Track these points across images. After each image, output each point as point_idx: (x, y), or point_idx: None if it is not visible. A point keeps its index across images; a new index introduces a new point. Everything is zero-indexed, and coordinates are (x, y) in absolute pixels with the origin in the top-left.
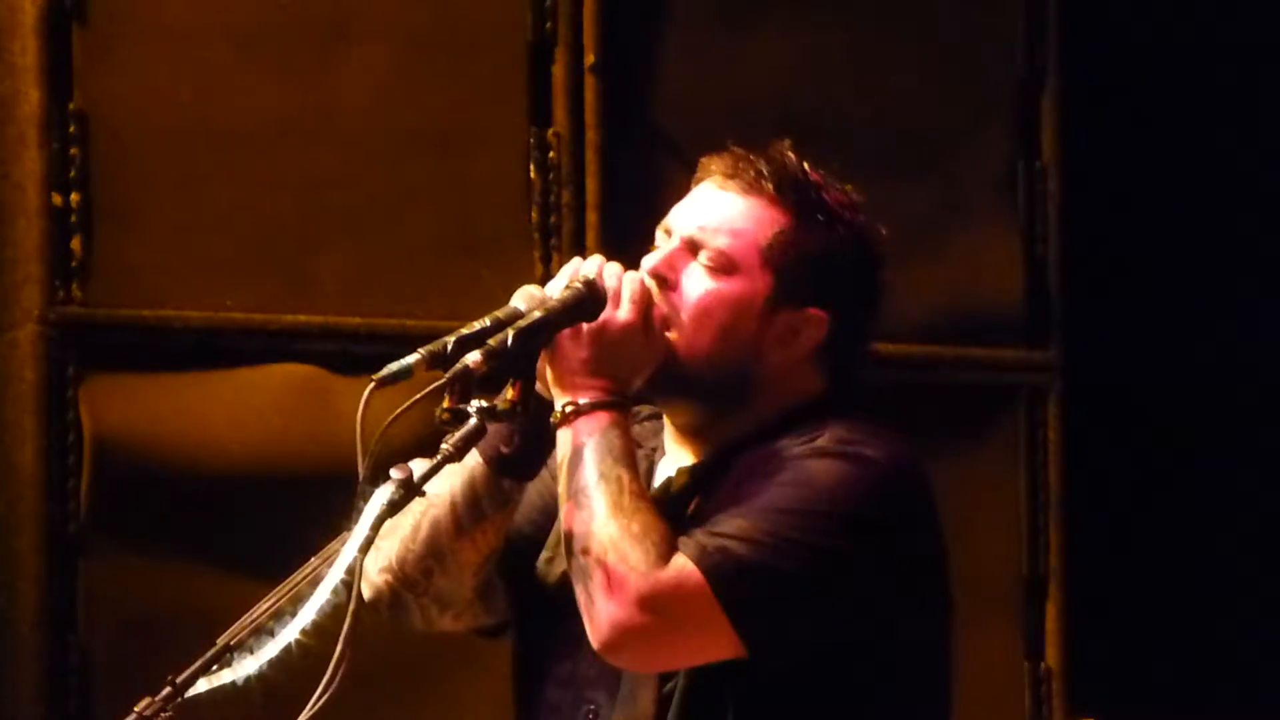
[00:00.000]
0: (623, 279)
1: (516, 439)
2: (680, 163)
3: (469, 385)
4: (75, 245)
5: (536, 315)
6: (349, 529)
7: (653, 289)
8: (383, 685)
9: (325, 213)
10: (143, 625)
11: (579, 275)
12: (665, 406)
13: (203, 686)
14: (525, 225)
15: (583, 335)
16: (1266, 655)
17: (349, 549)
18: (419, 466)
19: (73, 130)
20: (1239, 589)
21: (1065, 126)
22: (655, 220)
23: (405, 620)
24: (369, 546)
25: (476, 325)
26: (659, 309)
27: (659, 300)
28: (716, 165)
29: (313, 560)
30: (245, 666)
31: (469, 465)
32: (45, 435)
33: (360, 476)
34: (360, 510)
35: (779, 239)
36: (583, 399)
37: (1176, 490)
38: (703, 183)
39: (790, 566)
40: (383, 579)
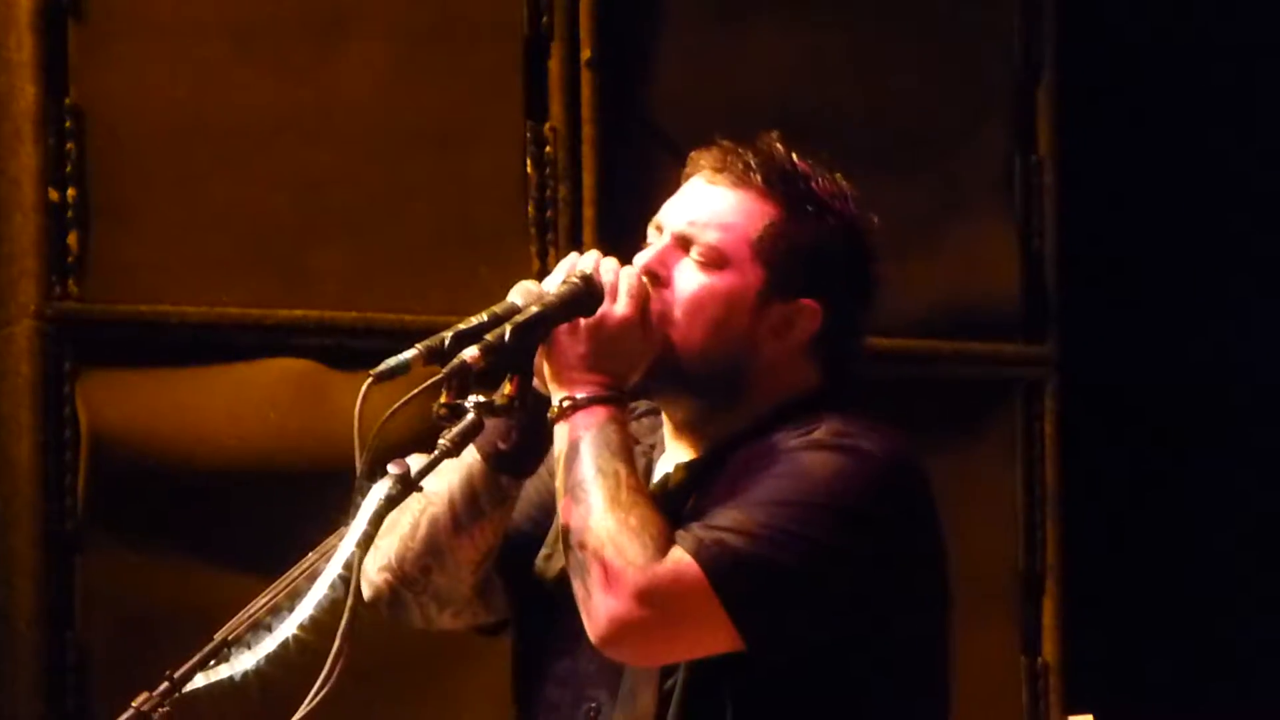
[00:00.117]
0: (619, 274)
1: (514, 435)
2: (676, 157)
3: (466, 380)
4: (71, 241)
5: (534, 310)
6: (346, 524)
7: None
8: (382, 682)
9: (322, 208)
10: (140, 621)
11: (576, 270)
12: (662, 402)
13: (200, 682)
14: (522, 220)
15: (580, 330)
16: (1262, 650)
17: (346, 544)
18: (416, 461)
19: (69, 125)
20: (1235, 584)
21: (1062, 122)
22: (651, 215)
23: (405, 618)
24: (367, 542)
25: (474, 320)
26: (654, 305)
27: (652, 297)
28: (705, 159)
29: (310, 555)
30: (243, 662)
31: (467, 462)
32: (42, 431)
33: (358, 472)
34: (358, 505)
35: (769, 231)
36: (580, 394)
37: (1173, 485)
38: (692, 177)
39: (787, 559)
40: (382, 577)
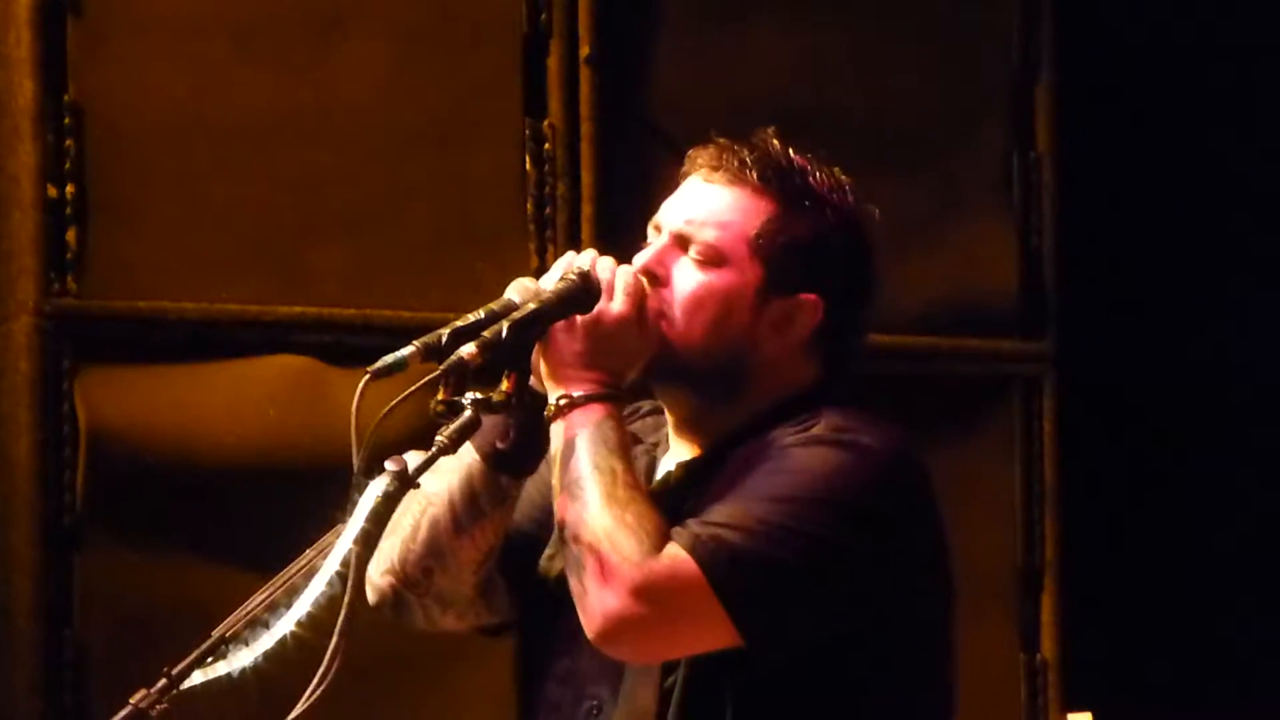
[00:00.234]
0: (616, 272)
1: (512, 434)
2: (675, 155)
3: (464, 377)
4: (70, 238)
5: (531, 307)
6: (345, 521)
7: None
8: (383, 680)
9: (321, 205)
10: (139, 618)
11: (573, 268)
12: (663, 400)
13: (198, 679)
14: (520, 217)
15: (576, 328)
16: (1262, 648)
17: (344, 541)
18: (414, 458)
19: (67, 122)
20: (1235, 582)
21: (1060, 119)
22: (650, 212)
23: (409, 621)
24: (365, 539)
25: (471, 317)
26: (652, 304)
27: (651, 296)
28: (702, 158)
29: (308, 552)
30: (240, 659)
31: (466, 463)
32: (40, 428)
33: (355, 469)
34: (355, 502)
35: (766, 228)
36: (576, 391)
37: (1171, 482)
38: (690, 176)
39: (785, 554)
40: (385, 580)
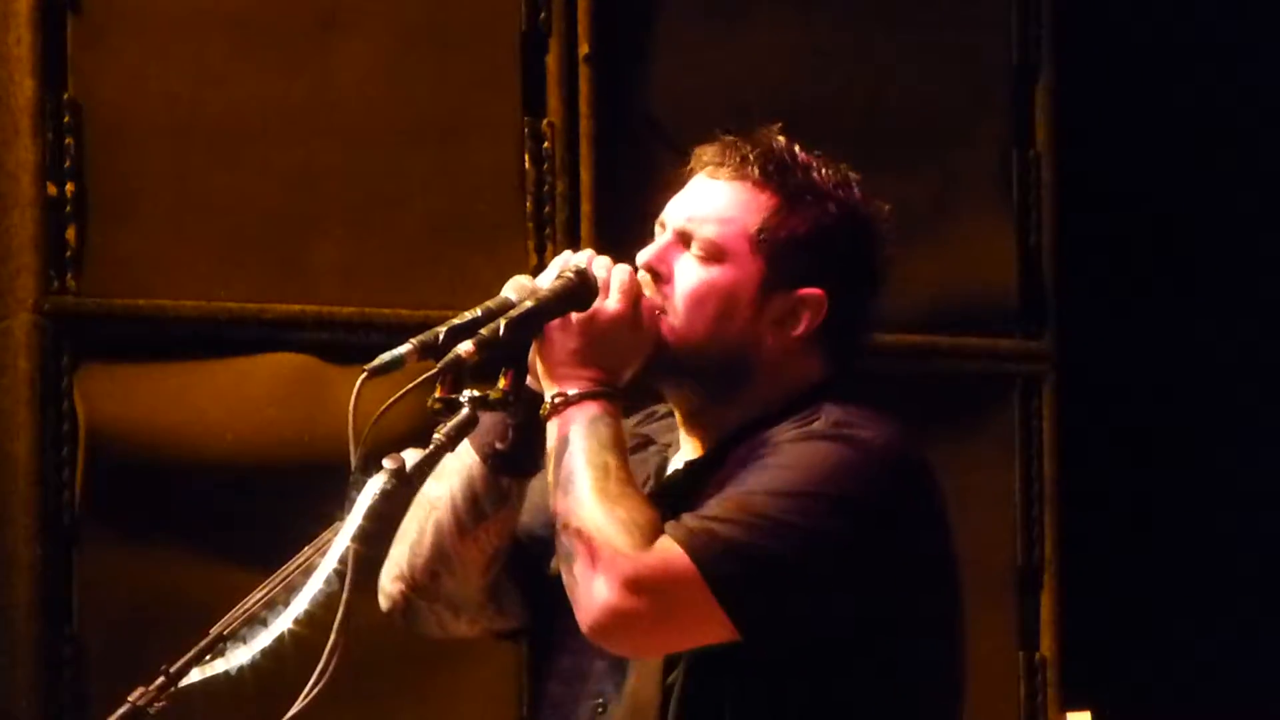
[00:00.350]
0: (612, 270)
1: (511, 435)
2: (674, 152)
3: (461, 375)
4: (70, 235)
5: (528, 305)
6: (342, 519)
7: (648, 282)
8: (383, 678)
9: (319, 202)
10: (137, 615)
11: (571, 266)
12: (670, 397)
13: (196, 676)
14: (519, 215)
15: (571, 326)
16: (1262, 646)
17: (342, 539)
18: (412, 456)
19: (67, 120)
20: (1234, 578)
21: (1059, 116)
22: (649, 209)
23: (421, 628)
24: (363, 536)
25: (468, 315)
26: (654, 301)
27: (653, 293)
28: (706, 155)
29: (306, 550)
30: (239, 656)
31: (467, 465)
32: (40, 425)
33: (353, 466)
34: (352, 500)
35: (767, 222)
36: (571, 389)
37: (1171, 480)
38: (695, 173)
39: (778, 546)
40: (396, 587)
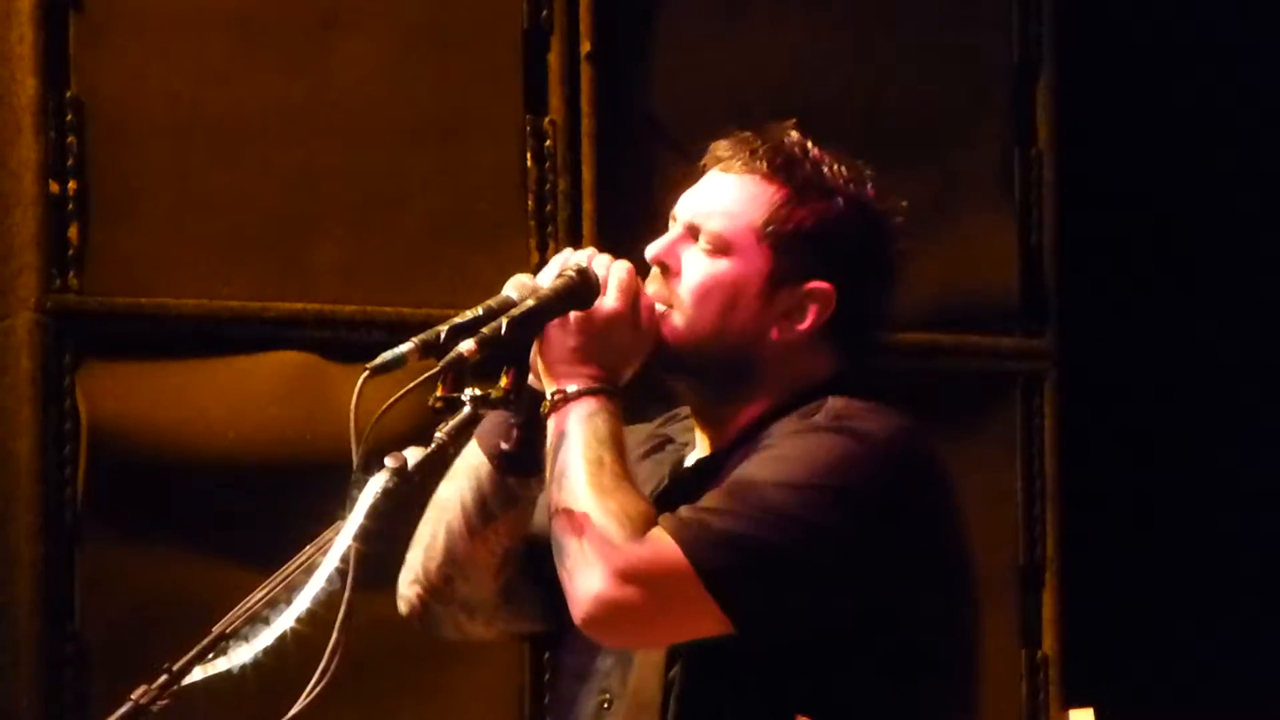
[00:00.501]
0: (610, 268)
1: (516, 435)
2: (676, 150)
3: (462, 373)
4: (72, 234)
5: (529, 304)
6: (344, 517)
7: (656, 276)
8: (386, 677)
9: (321, 200)
10: (139, 614)
11: (572, 264)
12: (681, 393)
13: (198, 674)
14: (521, 213)
15: (569, 324)
16: (1263, 644)
17: (344, 537)
18: (413, 455)
19: (69, 118)
20: (1236, 577)
21: (1060, 115)
22: (651, 207)
23: (439, 632)
24: (364, 535)
25: (469, 314)
26: (662, 295)
27: (660, 287)
28: (718, 149)
29: (308, 549)
30: (241, 655)
31: (475, 467)
32: (42, 424)
33: (354, 465)
34: (354, 499)
35: (774, 215)
36: (570, 387)
37: (1172, 478)
38: (709, 169)
39: (772, 537)
40: (413, 591)
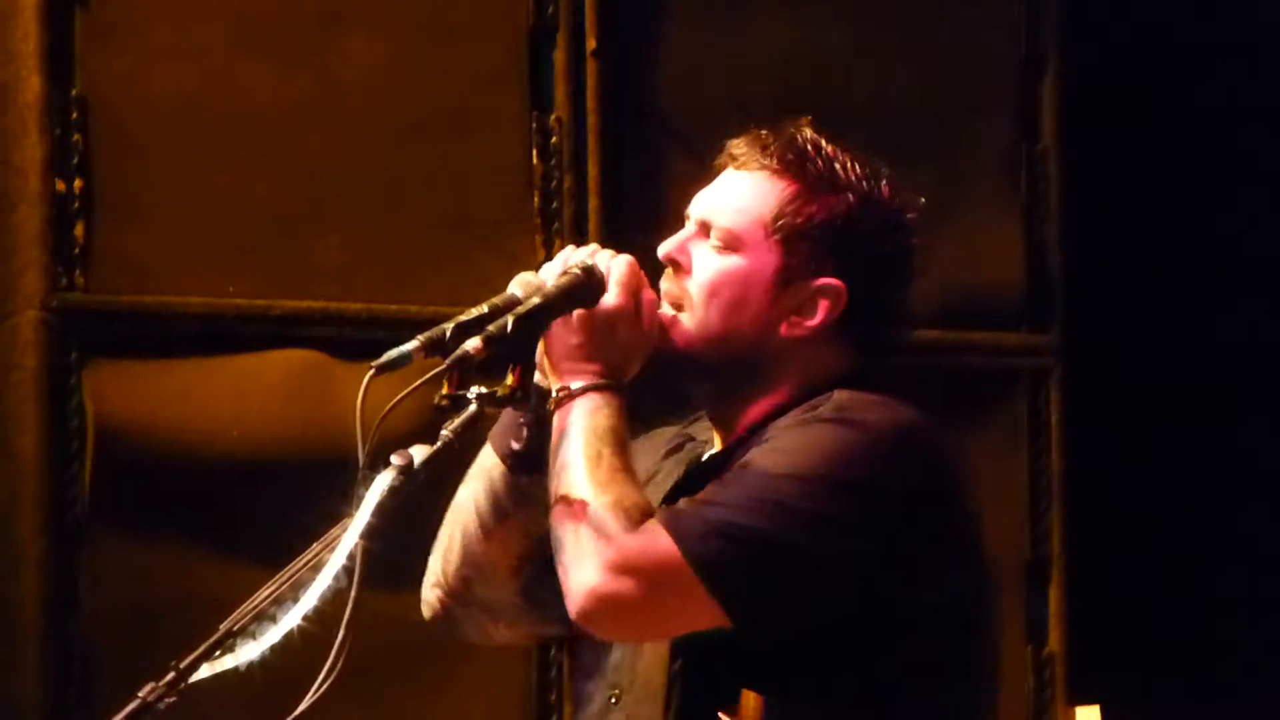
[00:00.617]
0: (611, 264)
1: (526, 433)
2: (682, 147)
3: (468, 371)
4: (77, 231)
5: (535, 301)
6: (350, 515)
7: (668, 274)
8: (392, 674)
9: (327, 198)
10: (145, 611)
11: (578, 261)
12: (694, 391)
13: (205, 672)
14: (527, 210)
15: (573, 321)
16: (1269, 642)
17: (350, 535)
18: (419, 452)
19: (74, 116)
20: (1242, 574)
21: (1066, 110)
22: (657, 203)
23: (463, 635)
24: (370, 533)
25: (474, 312)
26: (672, 293)
27: (673, 284)
28: (732, 147)
29: (314, 546)
30: (247, 652)
31: (488, 468)
32: (47, 422)
33: (360, 463)
34: (360, 497)
35: (784, 211)
36: (574, 384)
37: (1178, 474)
38: (725, 166)
39: (767, 527)
40: (435, 595)
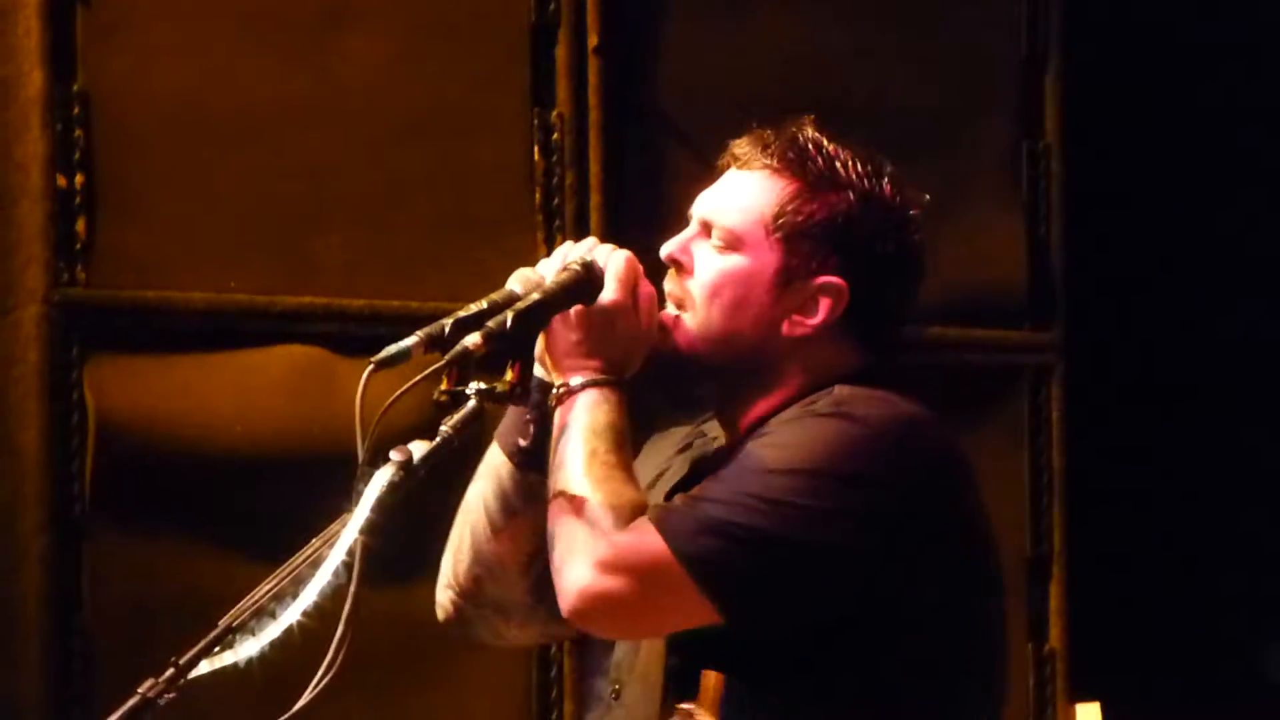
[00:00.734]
0: (608, 259)
1: (532, 431)
2: (684, 144)
3: (468, 367)
4: (79, 227)
5: (535, 297)
6: (350, 511)
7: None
8: (392, 670)
9: (329, 194)
10: (146, 607)
11: (577, 257)
12: (701, 390)
13: (205, 668)
14: (528, 207)
15: (570, 317)
16: (1270, 638)
17: (350, 531)
18: (419, 448)
19: (76, 112)
20: (1243, 571)
21: (1068, 108)
22: (658, 200)
23: (476, 637)
24: (370, 529)
25: (473, 308)
26: (675, 293)
27: (675, 284)
28: (735, 147)
29: (314, 542)
30: (247, 648)
31: (495, 466)
32: (49, 417)
33: (360, 459)
34: (360, 492)
35: (784, 210)
36: (574, 380)
37: (1179, 472)
38: (727, 167)
39: (756, 522)
40: (447, 596)
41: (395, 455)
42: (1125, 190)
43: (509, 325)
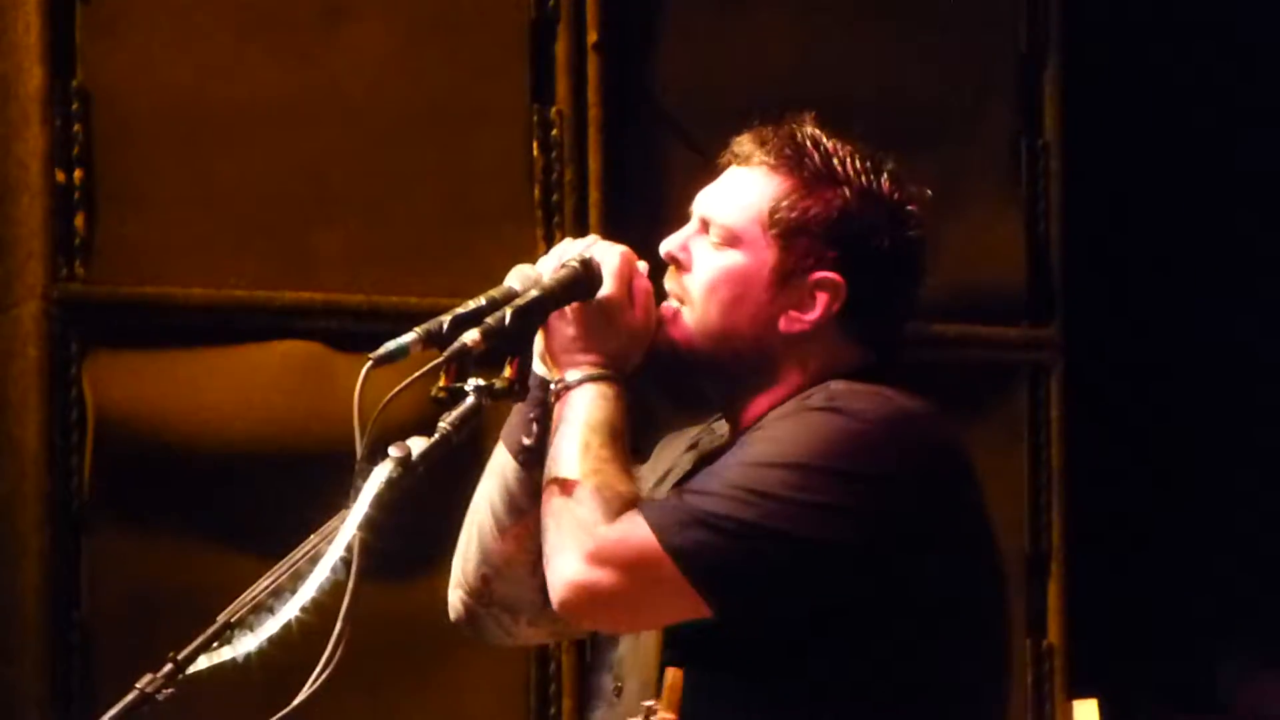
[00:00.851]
0: (604, 254)
1: (536, 429)
2: (683, 140)
3: (466, 363)
4: (78, 222)
5: (533, 294)
6: (349, 507)
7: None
8: (390, 666)
9: (328, 190)
10: (145, 602)
11: (575, 254)
12: (705, 388)
13: (204, 663)
14: (527, 203)
15: (568, 314)
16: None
17: (348, 527)
18: (417, 444)
19: (76, 107)
20: (1242, 569)
21: (1067, 105)
22: (658, 197)
23: (486, 636)
24: (368, 524)
25: (472, 304)
26: (674, 290)
27: (674, 282)
28: (735, 144)
29: (313, 538)
30: (246, 644)
31: (501, 465)
32: (48, 412)
33: (358, 455)
34: (359, 488)
35: (781, 206)
36: (571, 375)
37: (1178, 469)
38: (728, 164)
39: (746, 515)
40: (457, 596)
41: (394, 451)
42: (1124, 187)
43: (507, 322)
